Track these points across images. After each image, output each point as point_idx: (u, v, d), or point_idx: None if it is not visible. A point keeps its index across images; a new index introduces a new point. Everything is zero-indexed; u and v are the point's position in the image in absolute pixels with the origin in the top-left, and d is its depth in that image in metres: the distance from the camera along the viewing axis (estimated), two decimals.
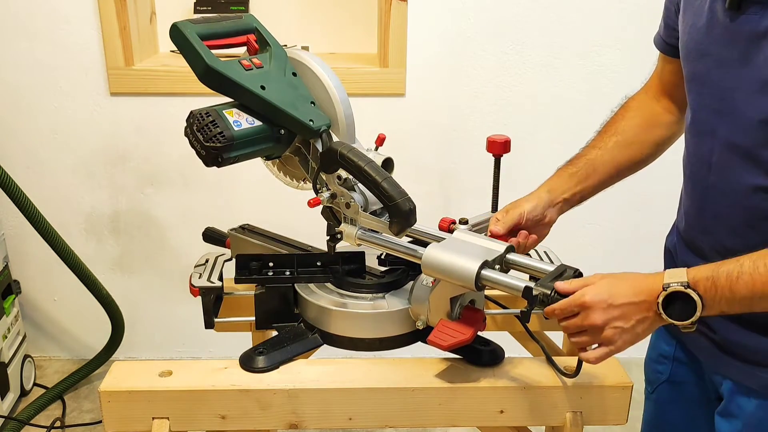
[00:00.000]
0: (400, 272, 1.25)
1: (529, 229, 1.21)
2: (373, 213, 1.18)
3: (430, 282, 1.14)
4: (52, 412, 2.35)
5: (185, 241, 2.47)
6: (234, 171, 2.37)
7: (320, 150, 1.18)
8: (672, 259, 1.23)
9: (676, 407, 1.26)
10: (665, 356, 1.26)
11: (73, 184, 2.41)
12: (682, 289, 0.92)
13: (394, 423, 1.14)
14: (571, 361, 1.16)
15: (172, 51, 2.48)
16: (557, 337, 1.39)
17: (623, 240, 2.53)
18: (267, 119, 1.17)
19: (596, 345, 0.99)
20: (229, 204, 2.43)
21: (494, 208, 1.31)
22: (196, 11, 2.43)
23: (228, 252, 1.38)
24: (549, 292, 0.98)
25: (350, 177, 1.16)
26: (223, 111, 1.14)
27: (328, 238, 1.24)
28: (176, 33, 1.16)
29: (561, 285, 0.98)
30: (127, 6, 2.21)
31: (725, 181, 1.02)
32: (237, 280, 1.25)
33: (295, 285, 1.25)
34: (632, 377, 1.15)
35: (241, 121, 1.14)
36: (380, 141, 1.24)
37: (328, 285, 1.25)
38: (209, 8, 2.42)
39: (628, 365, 1.13)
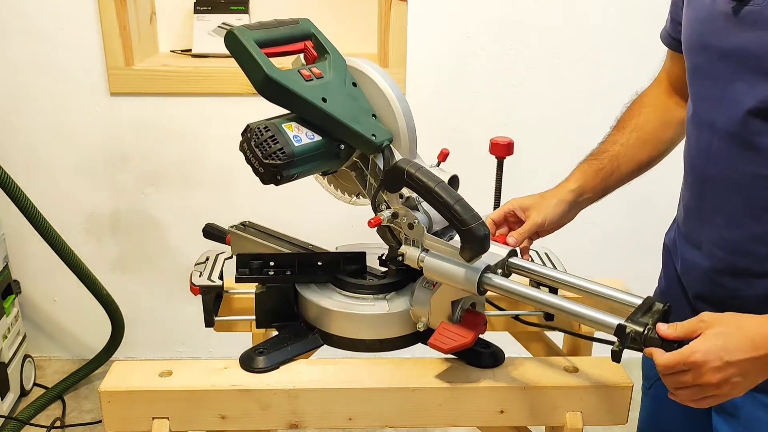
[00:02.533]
0: (402, 273, 1.25)
1: (545, 232, 1.22)
2: (435, 234, 1.12)
3: (431, 284, 1.14)
4: (52, 412, 2.35)
5: (185, 240, 2.47)
6: (234, 171, 2.38)
7: (380, 166, 1.13)
8: (669, 256, 1.22)
9: (674, 403, 1.25)
10: None
11: (73, 184, 2.41)
12: None
13: (394, 423, 1.14)
14: (572, 361, 1.17)
15: (172, 51, 2.48)
16: (557, 337, 1.39)
17: (623, 239, 2.53)
18: (327, 133, 1.11)
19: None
20: (229, 204, 2.43)
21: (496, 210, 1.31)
22: (196, 11, 2.43)
23: (228, 249, 1.38)
24: (642, 330, 0.91)
25: (413, 195, 1.10)
26: (282, 125, 1.07)
27: (389, 260, 1.18)
28: (233, 40, 1.08)
29: (665, 330, 0.91)
30: (127, 6, 2.21)
31: (724, 170, 1.02)
32: (237, 279, 1.25)
33: (296, 284, 1.25)
34: (632, 377, 1.15)
35: (300, 136, 1.08)
36: (443, 156, 1.18)
37: (329, 285, 1.25)
38: (209, 8, 2.42)
39: (628, 365, 1.13)
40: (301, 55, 1.18)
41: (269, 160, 1.05)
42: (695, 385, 0.90)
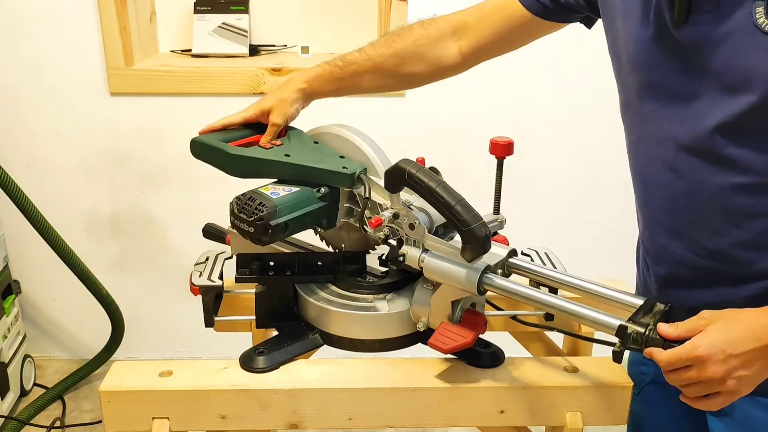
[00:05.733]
0: (402, 273, 1.25)
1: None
2: (435, 233, 1.13)
3: (431, 284, 1.14)
4: (52, 412, 2.35)
5: (185, 241, 2.47)
6: None
7: (365, 195, 1.16)
8: (643, 273, 1.19)
9: (663, 409, 1.23)
10: None
11: (73, 184, 2.41)
12: None
13: (394, 423, 1.14)
14: (572, 361, 1.17)
15: (172, 51, 2.48)
16: (557, 337, 1.39)
17: (624, 240, 2.52)
18: (303, 183, 1.18)
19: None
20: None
21: (496, 210, 1.31)
22: (196, 11, 2.43)
23: (228, 249, 1.38)
24: (643, 331, 0.92)
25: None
26: (260, 189, 1.17)
27: (389, 260, 1.19)
28: (196, 145, 1.27)
29: (666, 330, 0.91)
30: (127, 6, 2.21)
31: (697, 185, 0.99)
32: (237, 279, 1.25)
33: (296, 284, 1.25)
34: None
35: (278, 191, 1.16)
36: (421, 163, 1.19)
37: (329, 285, 1.25)
38: (209, 8, 2.42)
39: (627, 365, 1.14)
40: None
41: (253, 216, 1.11)
42: (700, 381, 0.90)
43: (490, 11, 1.27)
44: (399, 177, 1.07)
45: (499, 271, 1.10)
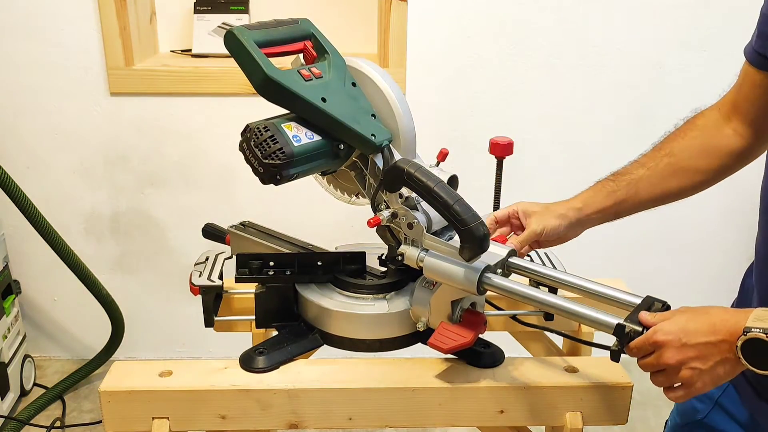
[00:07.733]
0: (401, 273, 1.25)
1: (546, 243, 1.19)
2: (435, 233, 1.13)
3: (431, 284, 1.14)
4: (52, 412, 2.36)
5: (185, 241, 2.47)
6: (234, 171, 2.38)
7: (380, 166, 1.13)
8: (745, 303, 1.12)
9: None
10: (708, 395, 1.16)
11: (73, 184, 2.41)
12: (764, 337, 0.82)
13: (394, 423, 1.14)
14: (572, 361, 1.17)
15: (172, 51, 2.48)
16: (557, 337, 1.39)
17: (623, 240, 2.53)
18: (326, 133, 1.11)
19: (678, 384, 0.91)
20: (230, 204, 2.43)
21: (495, 209, 1.31)
22: (196, 11, 2.43)
23: (228, 249, 1.38)
24: (641, 329, 0.92)
25: (413, 195, 1.10)
26: (282, 125, 1.08)
27: (388, 260, 1.19)
28: (232, 40, 1.08)
29: (645, 317, 0.92)
30: (127, 6, 2.21)
31: None
32: (237, 279, 1.25)
33: (296, 284, 1.25)
34: (632, 377, 1.15)
35: (300, 135, 1.08)
36: (442, 156, 1.18)
37: (329, 285, 1.25)
38: (209, 8, 2.43)
39: (628, 365, 1.13)
40: (301, 55, 1.18)
41: (269, 159, 1.05)
42: (660, 368, 0.90)
43: (739, 84, 1.13)
44: (397, 176, 1.06)
45: (499, 270, 1.10)
